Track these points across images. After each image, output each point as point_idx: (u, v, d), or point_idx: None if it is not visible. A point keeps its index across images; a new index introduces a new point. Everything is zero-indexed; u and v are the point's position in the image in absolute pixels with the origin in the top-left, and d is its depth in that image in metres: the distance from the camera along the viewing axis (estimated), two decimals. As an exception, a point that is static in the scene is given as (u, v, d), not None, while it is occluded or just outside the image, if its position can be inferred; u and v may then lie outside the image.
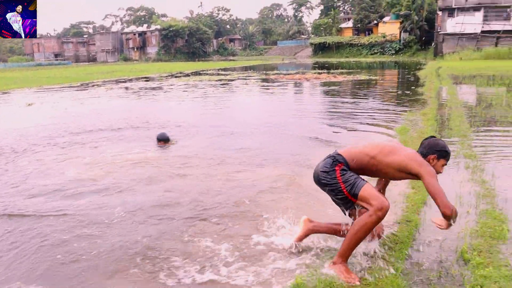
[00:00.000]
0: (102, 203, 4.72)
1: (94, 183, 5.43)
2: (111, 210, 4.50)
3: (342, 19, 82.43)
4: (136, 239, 3.81)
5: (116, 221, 4.22)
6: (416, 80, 21.29)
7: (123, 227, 4.08)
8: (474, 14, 45.96)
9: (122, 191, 5.13)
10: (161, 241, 3.77)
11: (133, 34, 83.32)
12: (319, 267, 3.18)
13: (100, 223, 4.17)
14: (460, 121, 8.77)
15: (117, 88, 20.36)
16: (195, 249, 3.60)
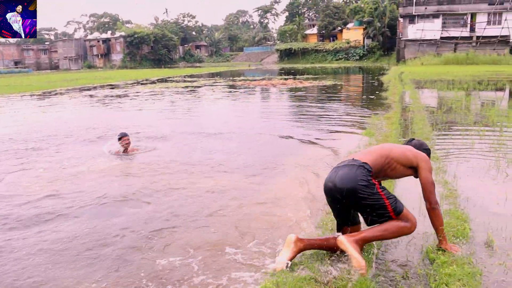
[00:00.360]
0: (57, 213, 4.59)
1: (52, 197, 5.29)
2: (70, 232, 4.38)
3: (307, 26, 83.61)
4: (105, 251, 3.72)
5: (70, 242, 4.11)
6: (380, 85, 21.78)
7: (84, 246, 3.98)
8: (433, 21, 47.54)
9: (85, 205, 5.01)
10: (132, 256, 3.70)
11: (97, 41, 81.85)
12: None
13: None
14: (423, 124, 9.01)
15: (81, 96, 19.92)
16: (166, 265, 3.55)
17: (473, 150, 6.77)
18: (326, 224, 4.02)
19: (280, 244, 3.65)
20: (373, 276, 3.12)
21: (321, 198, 4.81)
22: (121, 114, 13.26)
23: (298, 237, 3.26)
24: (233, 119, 11.65)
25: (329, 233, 3.83)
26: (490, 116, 9.83)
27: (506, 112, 10.48)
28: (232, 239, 3.88)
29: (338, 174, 3.15)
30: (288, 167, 6.26)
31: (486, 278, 3.05)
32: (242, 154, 7.20)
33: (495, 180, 5.28)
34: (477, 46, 45.61)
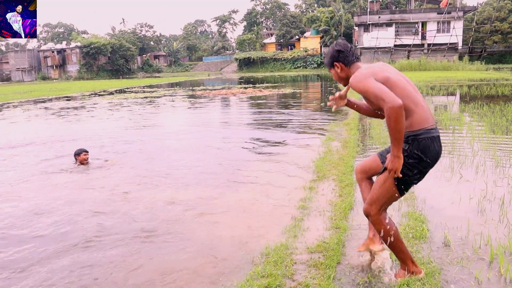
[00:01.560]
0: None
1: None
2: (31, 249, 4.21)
3: (265, 35, 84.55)
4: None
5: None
6: (338, 91, 22.19)
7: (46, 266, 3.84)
8: (387, 29, 49.19)
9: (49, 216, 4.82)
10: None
11: (52, 51, 79.41)
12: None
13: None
14: (380, 129, 9.26)
15: (36, 108, 19.25)
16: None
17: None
18: (293, 230, 4.06)
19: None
20: (337, 280, 3.17)
21: (284, 208, 4.84)
22: (77, 126, 12.90)
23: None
24: (193, 129, 11.57)
25: (293, 240, 3.86)
26: (443, 120, 10.22)
27: (457, 116, 10.92)
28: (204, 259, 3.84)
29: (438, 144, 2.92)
30: (248, 178, 6.27)
31: (444, 277, 3.15)
32: (201, 165, 7.15)
33: (449, 182, 5.48)
34: (428, 53, 47.52)
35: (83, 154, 7.19)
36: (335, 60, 3.10)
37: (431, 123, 2.86)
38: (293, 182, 5.71)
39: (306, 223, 4.25)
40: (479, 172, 5.83)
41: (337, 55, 3.07)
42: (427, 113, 2.88)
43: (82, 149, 7.30)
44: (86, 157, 7.21)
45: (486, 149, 7.04)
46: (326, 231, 4.02)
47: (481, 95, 16.35)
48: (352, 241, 3.80)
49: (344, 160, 6.59)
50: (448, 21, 47.76)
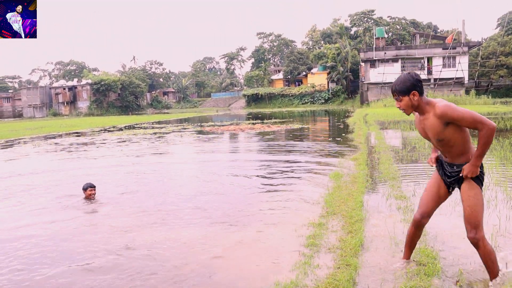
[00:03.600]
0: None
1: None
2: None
3: (273, 71, 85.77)
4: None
5: None
6: (346, 127, 22.31)
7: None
8: (393, 65, 49.74)
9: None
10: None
11: (63, 88, 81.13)
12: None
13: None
14: (389, 164, 9.23)
15: (46, 144, 19.48)
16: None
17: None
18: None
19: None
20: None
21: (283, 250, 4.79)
22: (86, 162, 12.99)
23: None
24: (201, 165, 11.61)
25: (302, 277, 3.79)
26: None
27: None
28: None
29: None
30: (257, 215, 6.23)
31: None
32: (208, 203, 7.13)
33: (461, 216, 5.39)
34: (435, 87, 47.78)
35: (89, 190, 7.19)
36: (414, 88, 3.26)
37: None
38: (302, 218, 5.66)
39: (316, 260, 4.18)
40: (490, 206, 5.75)
41: (417, 84, 3.27)
42: None
43: (89, 184, 7.29)
44: (92, 192, 7.20)
45: (497, 183, 6.96)
46: (336, 268, 3.95)
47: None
48: (363, 279, 3.73)
49: (354, 195, 6.54)
50: (454, 56, 48.25)
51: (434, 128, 3.24)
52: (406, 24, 79.39)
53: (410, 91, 3.24)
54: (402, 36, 74.78)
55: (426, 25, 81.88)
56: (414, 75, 3.27)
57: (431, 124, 3.24)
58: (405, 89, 3.25)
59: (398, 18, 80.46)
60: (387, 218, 5.43)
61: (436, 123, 3.21)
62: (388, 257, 4.20)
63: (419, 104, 3.27)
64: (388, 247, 4.43)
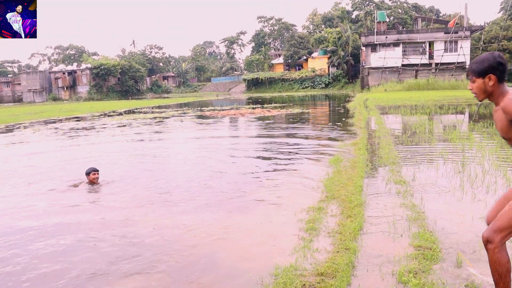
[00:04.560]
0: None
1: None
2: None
3: (273, 55, 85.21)
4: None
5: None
6: (346, 111, 22.27)
7: None
8: (394, 49, 49.37)
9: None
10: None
11: (63, 73, 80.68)
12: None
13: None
14: (389, 149, 9.22)
15: (46, 129, 19.47)
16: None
17: (438, 173, 6.95)
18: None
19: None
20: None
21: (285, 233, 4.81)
22: (86, 147, 13.00)
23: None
24: (202, 149, 11.61)
25: (302, 261, 3.82)
26: (452, 139, 10.17)
27: (467, 135, 10.86)
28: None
29: None
30: (257, 199, 6.26)
31: (457, 299, 3.09)
32: (210, 186, 7.16)
33: (460, 201, 5.42)
34: (436, 72, 47.53)
35: (93, 174, 7.18)
36: (492, 71, 2.75)
37: None
38: (302, 202, 5.68)
39: (315, 244, 4.21)
40: (490, 191, 5.76)
41: (497, 67, 2.75)
42: None
43: (92, 168, 7.28)
44: (95, 176, 7.19)
45: (496, 168, 6.97)
46: (335, 252, 3.98)
47: (490, 113, 16.24)
48: (362, 262, 3.75)
49: (353, 180, 6.55)
50: (456, 40, 47.87)
51: (499, 124, 2.80)
52: (408, 8, 78.56)
53: (486, 73, 2.74)
54: (404, 20, 74.05)
55: (428, 9, 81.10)
56: (497, 56, 2.75)
57: (498, 118, 2.79)
58: (481, 70, 2.77)
59: (400, 2, 79.61)
60: (387, 202, 5.45)
61: (501, 118, 2.75)
62: (387, 241, 4.23)
63: (494, 92, 2.77)
64: (388, 232, 4.45)
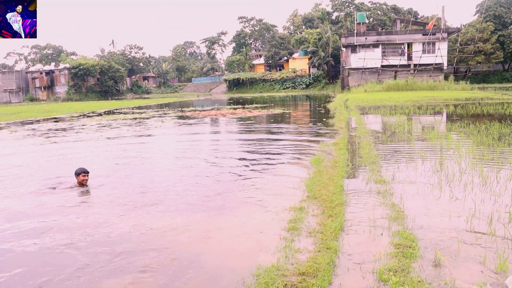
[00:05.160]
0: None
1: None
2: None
3: (254, 56, 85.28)
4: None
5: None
6: (327, 112, 22.42)
7: None
8: (374, 50, 49.98)
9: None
10: None
11: (40, 73, 79.18)
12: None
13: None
14: (369, 149, 9.33)
15: (23, 130, 19.10)
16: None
17: (417, 172, 7.06)
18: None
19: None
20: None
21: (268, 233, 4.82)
22: (65, 148, 12.80)
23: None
24: (182, 151, 11.55)
25: (284, 261, 3.83)
26: (430, 139, 10.34)
27: (445, 134, 11.06)
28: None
29: None
30: (238, 200, 6.26)
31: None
32: (190, 187, 7.13)
33: (438, 200, 5.52)
34: (415, 73, 48.27)
35: (82, 175, 6.96)
36: None
37: None
38: (283, 202, 5.70)
39: (297, 244, 4.23)
40: (467, 190, 5.88)
41: None
42: None
43: (82, 169, 7.02)
44: (85, 178, 6.98)
45: (473, 167, 7.11)
46: (317, 252, 4.01)
47: (467, 114, 16.59)
48: (343, 261, 3.79)
49: (334, 180, 6.60)
50: (433, 42, 48.69)
51: None
52: (387, 9, 79.54)
53: None
54: (383, 22, 74.96)
55: (406, 11, 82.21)
56: None
57: None
58: None
59: (379, 4, 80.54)
60: (367, 202, 5.51)
61: None
62: (368, 240, 4.28)
63: None
64: (368, 231, 4.50)
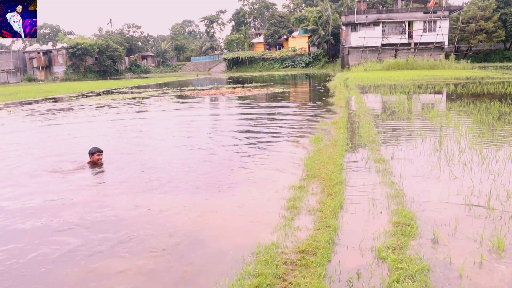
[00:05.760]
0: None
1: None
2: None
3: (253, 35, 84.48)
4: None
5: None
6: (327, 91, 22.32)
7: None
8: (374, 29, 49.44)
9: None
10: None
11: (37, 52, 78.45)
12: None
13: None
14: (369, 128, 9.32)
15: (22, 110, 19.04)
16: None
17: (417, 151, 7.07)
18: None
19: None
20: (328, 278, 3.18)
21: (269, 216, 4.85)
22: (65, 128, 12.78)
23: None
24: (183, 130, 11.54)
25: (283, 239, 3.86)
26: (430, 118, 10.32)
27: (444, 114, 11.03)
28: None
29: None
30: (237, 179, 6.28)
31: (432, 273, 3.18)
32: (191, 166, 7.14)
33: (437, 179, 5.54)
34: (415, 52, 47.86)
35: (97, 154, 6.97)
36: None
37: None
38: (282, 181, 5.72)
39: (296, 222, 4.26)
40: (466, 169, 5.90)
41: None
42: None
43: (96, 149, 7.03)
44: (99, 157, 6.99)
45: (472, 146, 7.12)
46: (316, 230, 4.03)
47: (467, 93, 16.52)
48: (342, 239, 3.82)
49: (333, 158, 6.61)
50: (434, 20, 48.16)
51: None
52: (388, -13, 78.47)
53: None
54: (384, 0, 74.04)
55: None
56: None
57: None
58: None
59: (380, -19, 79.43)
60: (366, 180, 5.53)
61: None
62: (367, 218, 4.30)
63: None
64: (367, 209, 4.53)
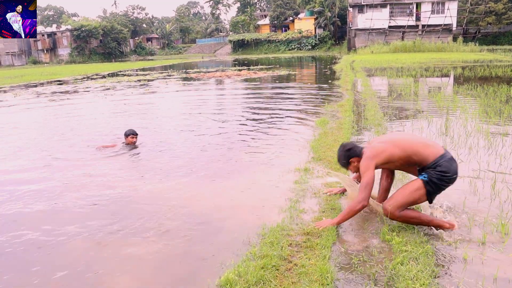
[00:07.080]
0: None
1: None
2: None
3: (259, 16, 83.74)
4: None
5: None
6: (333, 73, 22.19)
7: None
8: (381, 10, 48.85)
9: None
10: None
11: (42, 35, 78.26)
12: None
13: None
14: (375, 111, 9.27)
15: (27, 93, 19.08)
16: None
17: (423, 134, 7.04)
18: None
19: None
20: (333, 260, 3.21)
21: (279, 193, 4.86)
22: (73, 111, 12.83)
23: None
24: (189, 112, 11.54)
25: (289, 221, 3.89)
26: (437, 101, 10.25)
27: (451, 97, 10.95)
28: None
29: (456, 166, 3.55)
30: (243, 161, 6.30)
31: (437, 256, 3.20)
32: (195, 150, 7.17)
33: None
34: (423, 34, 47.34)
35: (131, 137, 7.16)
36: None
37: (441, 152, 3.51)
38: (289, 163, 5.73)
39: (302, 205, 4.28)
40: (472, 152, 5.88)
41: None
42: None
43: (132, 131, 7.23)
44: (134, 140, 7.18)
45: (479, 130, 7.08)
46: (321, 212, 4.06)
47: (475, 76, 16.36)
48: (347, 222, 3.83)
49: (339, 141, 6.59)
50: (443, 2, 47.47)
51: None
52: (396, -33, 77.23)
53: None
54: (391, -20, 72.96)
55: (416, -31, 79.77)
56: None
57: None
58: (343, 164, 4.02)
59: (387, -39, 78.13)
60: (372, 163, 5.51)
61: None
62: (372, 201, 4.31)
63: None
64: (372, 192, 4.53)
